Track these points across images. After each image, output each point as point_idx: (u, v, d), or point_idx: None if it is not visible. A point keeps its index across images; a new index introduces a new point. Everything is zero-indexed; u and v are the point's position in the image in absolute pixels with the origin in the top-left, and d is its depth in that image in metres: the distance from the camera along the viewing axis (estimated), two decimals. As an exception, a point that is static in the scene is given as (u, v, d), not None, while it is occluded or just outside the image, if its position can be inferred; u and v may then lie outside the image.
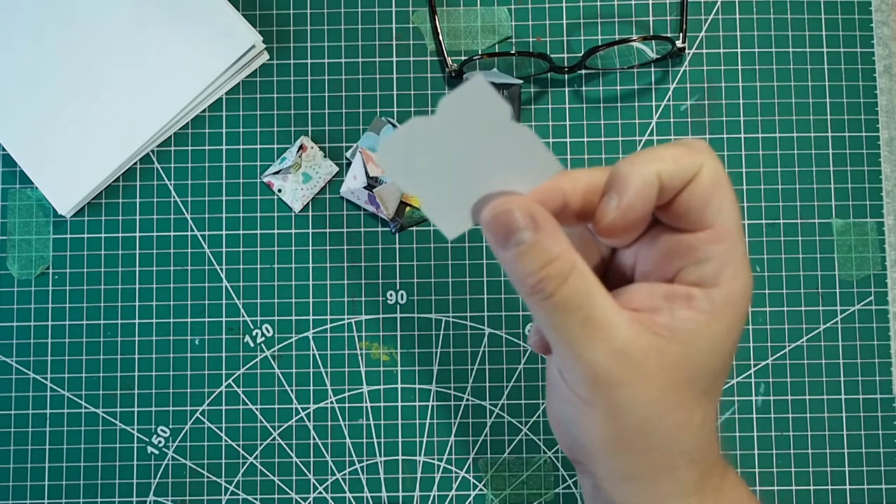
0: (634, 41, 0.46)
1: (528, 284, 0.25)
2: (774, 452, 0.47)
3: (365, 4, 0.49)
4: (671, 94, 0.48)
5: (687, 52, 0.48)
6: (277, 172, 0.48)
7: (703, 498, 0.27)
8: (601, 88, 0.49)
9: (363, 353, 0.48)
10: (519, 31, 0.49)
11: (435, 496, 0.47)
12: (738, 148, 0.48)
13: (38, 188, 0.48)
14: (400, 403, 0.47)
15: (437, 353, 0.47)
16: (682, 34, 0.47)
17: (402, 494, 0.47)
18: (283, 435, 0.47)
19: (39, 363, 0.48)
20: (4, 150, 0.48)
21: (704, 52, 0.49)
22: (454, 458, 0.47)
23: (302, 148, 0.48)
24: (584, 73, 0.48)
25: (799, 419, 0.47)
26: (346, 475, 0.47)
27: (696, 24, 0.49)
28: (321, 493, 0.47)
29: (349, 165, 0.48)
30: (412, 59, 0.49)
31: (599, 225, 0.26)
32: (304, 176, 0.48)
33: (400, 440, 0.47)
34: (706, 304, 0.26)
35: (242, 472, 0.47)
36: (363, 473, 0.47)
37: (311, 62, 0.49)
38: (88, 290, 0.48)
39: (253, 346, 0.48)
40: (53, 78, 0.48)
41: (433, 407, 0.47)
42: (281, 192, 0.48)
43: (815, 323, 0.47)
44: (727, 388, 0.47)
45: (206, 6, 0.48)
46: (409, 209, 0.48)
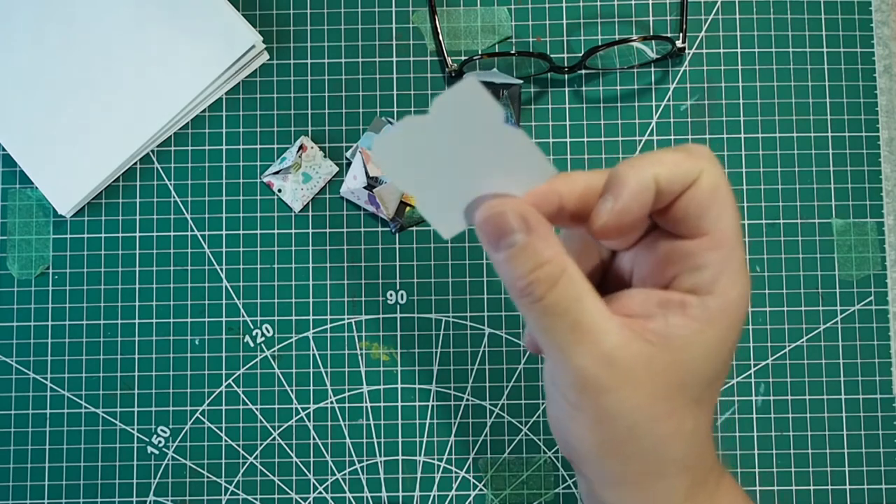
0: (634, 41, 0.46)
1: (517, 287, 0.25)
2: (774, 452, 0.47)
3: (365, 4, 0.49)
4: (671, 94, 0.48)
5: (687, 52, 0.48)
6: (277, 172, 0.48)
7: None
8: (601, 88, 0.49)
9: (363, 353, 0.48)
10: (519, 31, 0.49)
11: (435, 496, 0.47)
12: (738, 148, 0.48)
13: (38, 188, 0.48)
14: (400, 403, 0.47)
15: (437, 353, 0.47)
16: (682, 34, 0.47)
17: (402, 494, 0.47)
18: (283, 435, 0.47)
19: (39, 363, 0.48)
20: (4, 150, 0.48)
21: (704, 52, 0.49)
22: (454, 458, 0.47)
23: (302, 148, 0.48)
24: (584, 73, 0.48)
25: (799, 419, 0.47)
26: (346, 475, 0.47)
27: (696, 24, 0.49)
28: (321, 493, 0.47)
29: (349, 165, 0.48)
30: (412, 59, 0.49)
31: (594, 226, 0.26)
32: (304, 176, 0.48)
33: (400, 440, 0.47)
34: (700, 311, 0.25)
35: (242, 472, 0.47)
36: (363, 473, 0.47)
37: (310, 62, 0.49)
38: (88, 290, 0.48)
39: (253, 346, 0.48)
40: (53, 78, 0.48)
41: (433, 407, 0.47)
42: (281, 192, 0.48)
43: (815, 323, 0.47)
44: (727, 388, 0.47)
45: (206, 6, 0.48)
46: (409, 209, 0.48)
